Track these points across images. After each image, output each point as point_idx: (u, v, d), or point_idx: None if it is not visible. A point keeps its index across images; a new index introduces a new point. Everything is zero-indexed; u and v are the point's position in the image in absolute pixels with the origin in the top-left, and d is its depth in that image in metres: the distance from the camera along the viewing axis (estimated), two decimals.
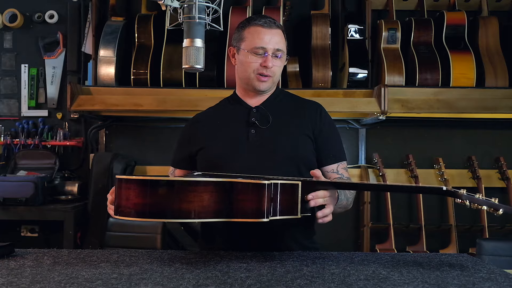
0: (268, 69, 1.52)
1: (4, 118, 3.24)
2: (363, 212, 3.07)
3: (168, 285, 1.04)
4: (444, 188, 1.12)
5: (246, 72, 1.54)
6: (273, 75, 1.54)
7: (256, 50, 1.51)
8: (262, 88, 1.56)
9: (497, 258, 2.01)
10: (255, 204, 1.17)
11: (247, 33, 1.54)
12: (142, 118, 3.19)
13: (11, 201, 2.73)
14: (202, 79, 2.87)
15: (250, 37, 1.53)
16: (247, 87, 1.58)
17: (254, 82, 1.54)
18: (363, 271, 1.17)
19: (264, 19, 1.55)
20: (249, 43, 1.53)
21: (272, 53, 1.52)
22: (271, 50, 1.51)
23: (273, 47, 1.51)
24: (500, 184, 3.01)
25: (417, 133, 3.15)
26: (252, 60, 1.52)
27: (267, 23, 1.53)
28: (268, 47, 1.51)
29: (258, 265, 1.23)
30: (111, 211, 1.32)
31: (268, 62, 1.50)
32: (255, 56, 1.52)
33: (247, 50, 1.53)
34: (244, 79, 1.57)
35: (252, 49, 1.52)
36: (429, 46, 2.91)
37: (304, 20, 3.12)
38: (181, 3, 1.52)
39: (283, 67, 1.60)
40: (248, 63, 1.53)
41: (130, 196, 1.13)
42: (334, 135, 1.61)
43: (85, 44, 3.13)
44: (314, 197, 1.24)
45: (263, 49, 1.51)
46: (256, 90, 1.56)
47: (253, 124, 1.54)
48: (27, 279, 1.08)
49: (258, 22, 1.54)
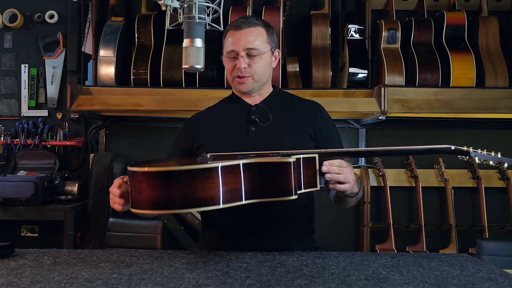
0: (243, 70, 1.53)
1: (4, 118, 3.24)
2: (363, 212, 3.08)
3: (168, 285, 1.04)
4: (452, 148, 1.21)
5: (229, 77, 1.60)
6: (253, 74, 1.55)
7: (229, 54, 1.55)
8: (243, 90, 1.58)
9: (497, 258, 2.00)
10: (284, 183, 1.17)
11: (225, 40, 1.59)
12: (142, 118, 3.19)
13: (11, 201, 2.73)
14: (202, 79, 2.86)
15: (225, 43, 1.58)
16: (235, 90, 1.64)
17: (236, 85, 1.58)
18: (363, 271, 1.17)
19: (238, 20, 1.56)
20: (224, 49, 1.58)
21: (245, 53, 1.52)
22: (242, 51, 1.53)
23: (243, 47, 1.52)
24: (500, 184, 3.01)
25: (417, 133, 3.15)
26: (228, 65, 1.57)
27: (238, 25, 1.55)
28: (236, 49, 1.53)
29: (258, 265, 1.23)
30: (117, 205, 1.30)
31: (240, 64, 1.52)
32: (229, 60, 1.56)
33: (224, 56, 1.58)
34: (230, 83, 1.62)
35: (226, 55, 1.57)
36: (429, 46, 2.91)
37: (304, 20, 3.12)
38: (181, 3, 1.52)
39: (267, 63, 1.56)
40: (227, 68, 1.59)
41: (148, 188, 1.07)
42: (334, 133, 1.63)
43: (85, 44, 3.13)
44: (329, 164, 1.25)
45: (233, 52, 1.54)
46: (241, 92, 1.60)
47: (254, 122, 1.54)
48: (27, 279, 1.08)
49: (230, 27, 1.58)
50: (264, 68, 1.56)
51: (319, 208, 1.64)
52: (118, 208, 1.31)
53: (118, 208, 1.31)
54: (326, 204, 1.72)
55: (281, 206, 1.44)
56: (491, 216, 2.96)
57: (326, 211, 1.65)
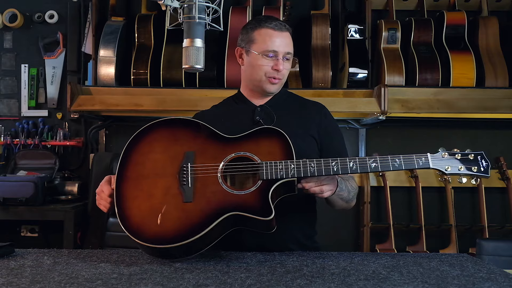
0: (279, 72, 1.53)
1: (4, 118, 3.24)
2: (363, 212, 3.07)
3: (168, 285, 1.04)
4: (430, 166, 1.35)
5: (257, 75, 1.55)
6: (283, 78, 1.57)
7: (268, 53, 1.52)
8: (273, 91, 1.58)
9: (497, 258, 2.01)
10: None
11: (258, 35, 1.54)
12: (142, 118, 3.19)
13: (11, 201, 2.73)
14: (202, 79, 2.86)
15: (261, 40, 1.53)
16: (256, 88, 1.60)
17: (265, 84, 1.55)
18: (363, 271, 1.17)
19: (275, 21, 1.55)
20: (260, 45, 1.53)
21: (283, 56, 1.53)
22: (282, 54, 1.52)
23: (284, 50, 1.53)
24: (500, 184, 3.00)
25: (417, 133, 3.14)
26: (264, 63, 1.53)
27: (277, 26, 1.54)
28: (279, 51, 1.52)
29: (258, 265, 1.23)
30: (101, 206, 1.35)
31: (280, 65, 1.52)
32: (266, 59, 1.52)
33: (258, 52, 1.53)
34: (254, 81, 1.57)
35: (263, 52, 1.52)
36: (429, 46, 2.91)
37: (304, 20, 3.11)
38: (181, 3, 1.52)
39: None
40: (259, 66, 1.54)
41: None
42: (338, 135, 1.63)
43: (85, 44, 3.13)
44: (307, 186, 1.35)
45: (274, 53, 1.52)
46: (266, 92, 1.58)
47: (258, 123, 1.54)
48: (27, 279, 1.08)
49: (269, 24, 1.54)
50: (288, 73, 1.60)
51: (319, 208, 1.63)
52: (104, 209, 1.32)
53: (104, 208, 1.32)
54: (326, 204, 1.71)
55: (282, 208, 1.44)
56: (491, 216, 2.95)
57: (326, 211, 1.65)
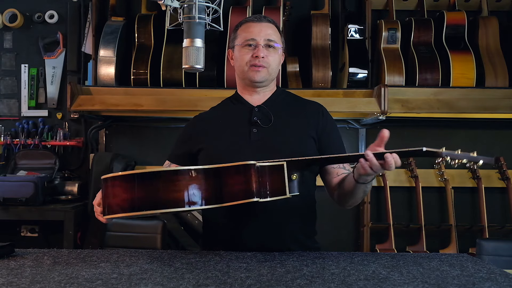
0: (260, 60, 1.53)
1: (4, 118, 3.24)
2: (363, 212, 3.07)
3: (168, 285, 1.04)
4: (424, 149, 1.26)
5: (241, 66, 1.57)
6: (268, 66, 1.55)
7: (247, 43, 1.55)
8: (257, 79, 1.56)
9: (497, 258, 2.01)
10: (244, 185, 1.21)
11: (240, 31, 1.59)
12: (142, 118, 3.19)
13: (11, 201, 2.73)
14: (202, 79, 2.86)
15: (242, 33, 1.58)
16: (244, 82, 1.60)
17: (249, 73, 1.55)
18: (363, 271, 1.17)
19: (257, 15, 1.60)
20: (241, 38, 1.57)
21: (264, 44, 1.54)
22: (262, 41, 1.54)
23: (264, 37, 1.54)
24: (500, 184, 3.00)
25: (417, 133, 3.14)
26: (244, 53, 1.55)
27: (257, 18, 1.59)
28: (258, 38, 1.54)
29: (258, 265, 1.23)
30: (101, 217, 1.32)
31: (259, 52, 1.53)
32: (247, 48, 1.55)
33: (239, 44, 1.57)
34: (240, 74, 1.60)
35: (243, 43, 1.56)
36: (429, 46, 2.91)
37: (304, 20, 3.12)
38: (181, 3, 1.52)
39: (279, 61, 1.60)
40: (241, 56, 1.56)
41: (118, 192, 1.16)
42: (336, 134, 1.63)
43: (85, 44, 3.13)
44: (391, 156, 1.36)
45: (253, 41, 1.54)
46: (252, 82, 1.57)
47: (255, 123, 1.54)
48: (27, 279, 1.08)
49: (248, 18, 1.60)
50: (277, 64, 1.59)
51: (319, 208, 1.63)
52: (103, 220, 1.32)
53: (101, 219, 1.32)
54: (326, 204, 1.72)
55: (282, 208, 1.44)
56: (491, 216, 2.95)
57: (326, 211, 1.65)
